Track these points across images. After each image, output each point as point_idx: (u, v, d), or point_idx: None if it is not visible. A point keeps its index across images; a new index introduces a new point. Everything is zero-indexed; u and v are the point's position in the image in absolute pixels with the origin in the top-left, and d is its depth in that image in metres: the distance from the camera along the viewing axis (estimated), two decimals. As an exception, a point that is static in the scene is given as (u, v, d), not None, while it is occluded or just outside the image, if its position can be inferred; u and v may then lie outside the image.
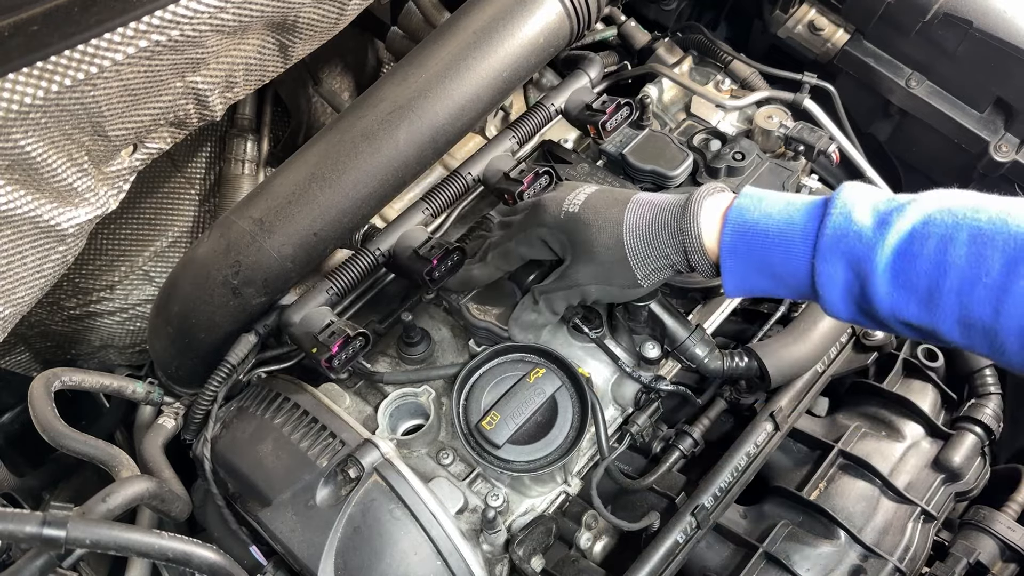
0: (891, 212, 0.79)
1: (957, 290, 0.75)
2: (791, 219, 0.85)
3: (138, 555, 0.90)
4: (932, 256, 0.76)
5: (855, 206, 0.81)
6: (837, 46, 1.49)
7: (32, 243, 1.00)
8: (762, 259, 0.86)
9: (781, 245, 0.84)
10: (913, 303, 0.78)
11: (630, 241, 0.94)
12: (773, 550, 1.10)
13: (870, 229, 0.79)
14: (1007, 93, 1.35)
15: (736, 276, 0.89)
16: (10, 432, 1.44)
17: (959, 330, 0.77)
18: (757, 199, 0.88)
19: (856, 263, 0.80)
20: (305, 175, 1.11)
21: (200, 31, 0.97)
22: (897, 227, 0.78)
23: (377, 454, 0.99)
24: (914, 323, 0.80)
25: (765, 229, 0.85)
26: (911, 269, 0.77)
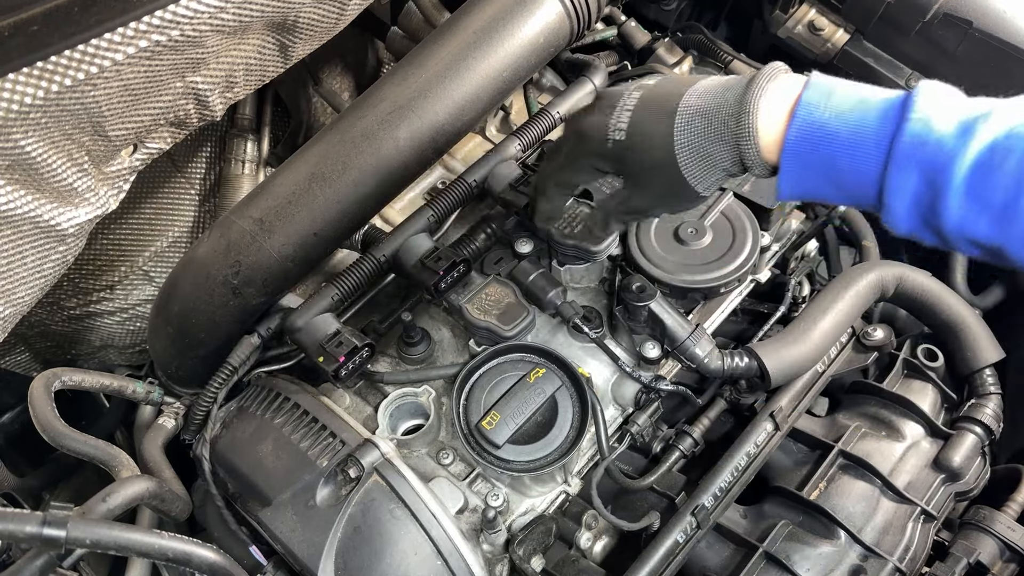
0: (975, 121, 0.75)
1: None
2: (864, 120, 0.78)
3: (138, 555, 0.90)
4: (1013, 171, 0.72)
5: (935, 111, 0.76)
6: (837, 46, 1.49)
7: (32, 243, 1.00)
8: (828, 162, 0.80)
9: (851, 148, 0.78)
10: (985, 218, 0.74)
11: (685, 162, 0.88)
12: (773, 550, 1.10)
13: (951, 138, 0.74)
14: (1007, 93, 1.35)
15: (794, 178, 0.83)
16: (10, 432, 1.44)
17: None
18: (826, 92, 0.81)
19: (932, 173, 0.75)
20: (305, 175, 1.11)
21: (200, 31, 0.97)
22: (979, 138, 0.74)
23: (377, 454, 0.99)
24: (982, 240, 0.76)
25: (835, 130, 0.79)
26: (989, 182, 0.73)
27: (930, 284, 1.30)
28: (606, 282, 1.20)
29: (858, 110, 0.79)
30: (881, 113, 0.78)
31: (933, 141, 0.75)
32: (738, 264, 1.15)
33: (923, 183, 0.76)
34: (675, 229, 1.17)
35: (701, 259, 1.16)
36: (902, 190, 0.77)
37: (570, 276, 1.21)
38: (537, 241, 1.21)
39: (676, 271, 1.14)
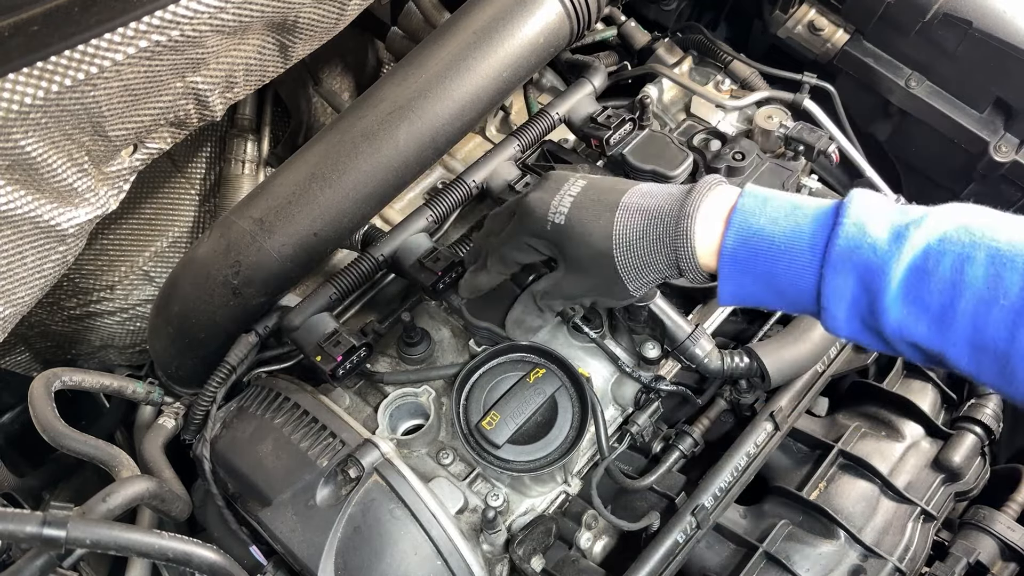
0: (907, 226, 0.76)
1: (972, 312, 0.72)
2: (798, 227, 0.80)
3: (138, 555, 0.90)
4: (948, 275, 0.73)
5: (869, 217, 0.78)
6: (837, 46, 1.49)
7: (32, 243, 1.00)
8: (765, 268, 0.81)
9: (786, 254, 0.80)
10: (924, 323, 0.75)
11: (620, 257, 0.88)
12: (773, 550, 1.10)
13: (885, 243, 0.76)
14: (1007, 93, 1.35)
15: (733, 284, 0.84)
16: (10, 432, 1.44)
17: (969, 354, 0.74)
18: (761, 201, 0.83)
19: (868, 276, 0.76)
20: (305, 175, 1.11)
21: (200, 31, 0.97)
22: (912, 242, 0.75)
23: (377, 454, 0.99)
24: (922, 344, 0.76)
25: (771, 236, 0.80)
26: (925, 287, 0.74)
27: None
28: (606, 282, 1.20)
29: (793, 216, 0.81)
30: (815, 219, 0.80)
31: (867, 245, 0.76)
32: (738, 264, 1.15)
33: (859, 287, 0.77)
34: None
35: (701, 259, 1.15)
36: (839, 294, 0.78)
37: (570, 276, 1.21)
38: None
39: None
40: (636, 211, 0.88)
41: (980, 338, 0.73)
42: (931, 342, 0.76)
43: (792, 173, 1.23)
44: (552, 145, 1.34)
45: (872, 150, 1.54)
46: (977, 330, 0.73)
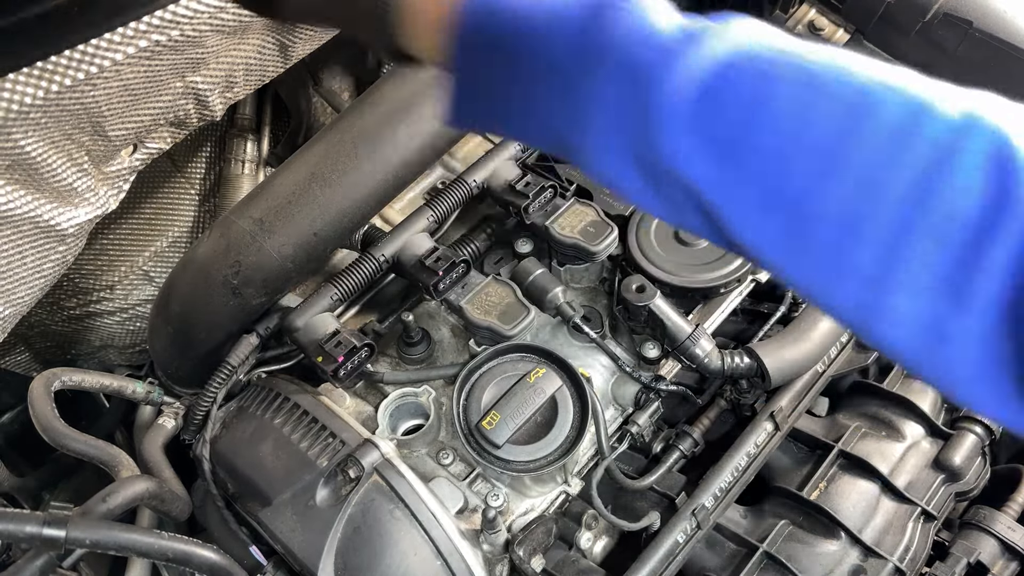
0: (701, 29, 0.56)
1: (776, 149, 0.53)
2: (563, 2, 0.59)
3: (138, 555, 0.90)
4: (749, 96, 0.53)
5: (650, 7, 0.57)
6: (837, 46, 1.49)
7: (32, 243, 1.00)
8: (510, 54, 0.59)
9: (544, 35, 0.58)
10: (708, 157, 0.54)
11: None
12: (773, 550, 1.10)
13: (672, 40, 0.55)
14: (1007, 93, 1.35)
15: (468, 80, 0.62)
16: (10, 432, 1.43)
17: (758, 209, 0.54)
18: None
19: (645, 76, 0.55)
20: (305, 175, 1.11)
21: (200, 31, 0.97)
22: (708, 47, 0.54)
23: (377, 454, 0.99)
24: (699, 187, 0.55)
25: (517, 10, 0.59)
26: (718, 108, 0.54)
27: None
28: (606, 282, 1.20)
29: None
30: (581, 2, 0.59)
31: (649, 36, 0.56)
32: (738, 264, 1.15)
33: (633, 95, 0.56)
34: (675, 229, 1.17)
35: (701, 259, 1.16)
36: (604, 98, 0.57)
37: (570, 276, 1.21)
38: (537, 241, 1.21)
39: (676, 271, 1.14)
40: None
41: (776, 184, 0.53)
42: (711, 186, 0.55)
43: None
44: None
45: (872, 150, 1.54)
46: (780, 174, 0.53)
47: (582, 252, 1.15)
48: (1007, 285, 0.47)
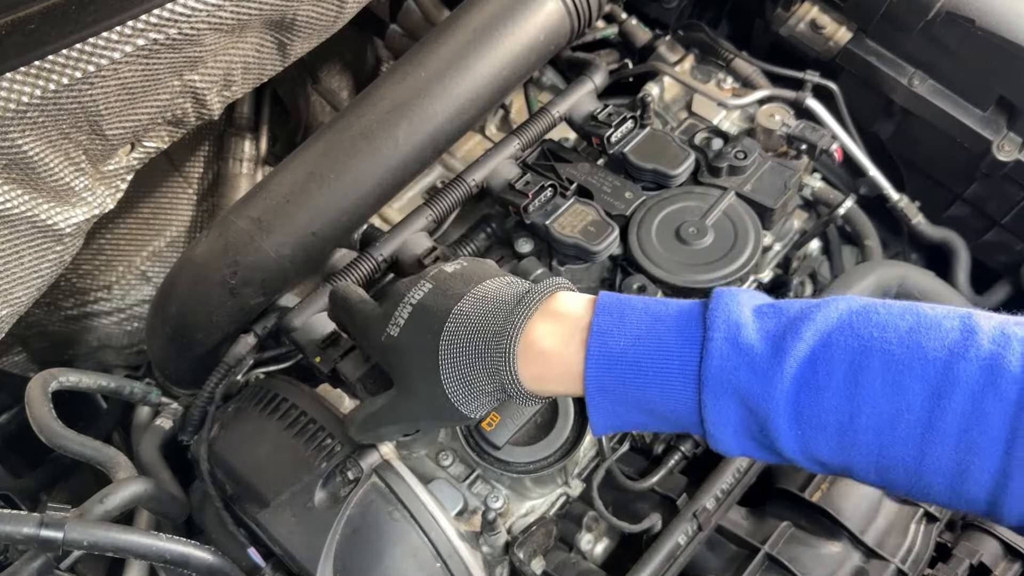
0: (784, 333, 0.67)
1: (875, 428, 0.64)
2: (663, 344, 0.70)
3: (136, 557, 0.89)
4: (841, 388, 0.64)
5: (740, 324, 0.68)
6: (839, 44, 1.49)
7: (29, 243, 0.99)
8: (638, 395, 0.71)
9: (657, 379, 0.70)
10: (823, 442, 0.66)
11: (447, 378, 0.76)
12: (775, 552, 1.09)
13: (763, 356, 0.66)
14: (1010, 92, 1.35)
15: (607, 414, 0.73)
16: (7, 433, 1.43)
17: (877, 471, 0.66)
18: (618, 317, 0.72)
19: (751, 400, 0.67)
20: (304, 174, 1.10)
21: (198, 29, 0.97)
22: (795, 352, 0.65)
23: (376, 455, 0.98)
24: (827, 460, 0.67)
25: (636, 360, 0.70)
26: (817, 403, 0.65)
27: (933, 284, 1.30)
28: (607, 282, 1.20)
29: (655, 331, 0.71)
30: (679, 331, 0.70)
31: (744, 363, 0.66)
32: (740, 264, 1.14)
33: (744, 410, 0.68)
34: (677, 229, 1.17)
35: (703, 259, 1.15)
36: (723, 419, 0.69)
37: (570, 276, 1.20)
38: (537, 241, 1.20)
39: (677, 271, 1.14)
40: (463, 324, 0.76)
41: (887, 456, 0.64)
42: (835, 459, 0.67)
43: (794, 172, 1.23)
44: (552, 144, 1.34)
45: (875, 149, 1.53)
46: (883, 448, 0.64)
47: (583, 252, 1.15)
48: None
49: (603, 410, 0.73)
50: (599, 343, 0.71)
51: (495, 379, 0.75)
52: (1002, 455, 0.60)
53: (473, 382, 0.76)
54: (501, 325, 0.74)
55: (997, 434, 0.60)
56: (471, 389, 0.76)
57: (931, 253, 1.58)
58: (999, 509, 0.63)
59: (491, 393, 0.76)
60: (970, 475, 0.62)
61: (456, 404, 0.77)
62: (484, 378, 0.75)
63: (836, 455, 0.66)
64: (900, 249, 1.61)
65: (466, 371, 0.75)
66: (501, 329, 0.74)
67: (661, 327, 0.71)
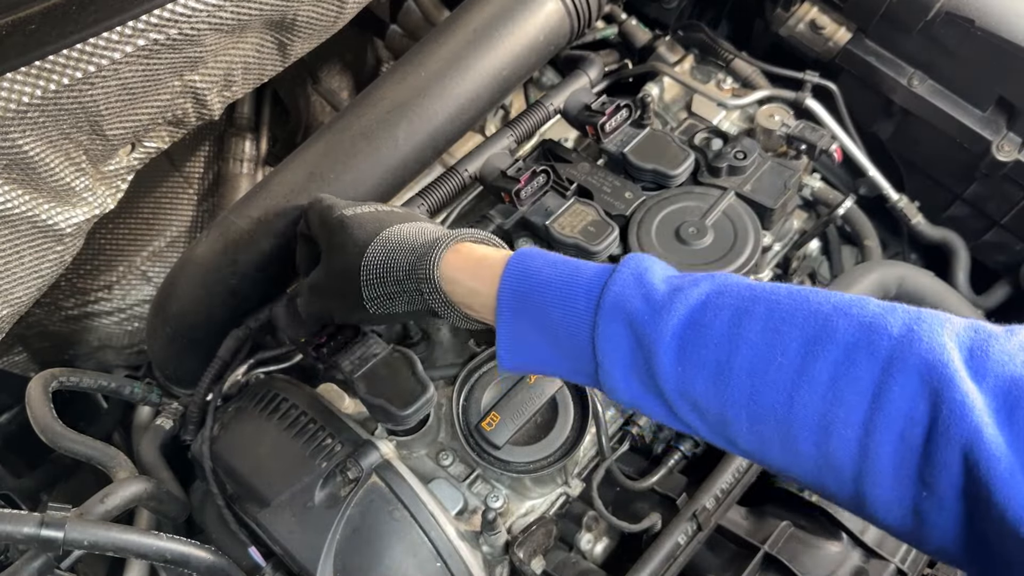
0: (684, 281, 0.72)
1: (749, 369, 0.66)
2: (577, 272, 0.75)
3: (136, 556, 0.90)
4: (725, 328, 0.67)
5: (647, 270, 0.73)
6: (839, 45, 1.49)
7: (30, 243, 0.99)
8: (541, 316, 0.75)
9: (562, 298, 0.74)
10: (700, 380, 0.68)
11: (367, 258, 0.85)
12: (775, 551, 1.09)
13: (660, 294, 0.71)
14: (1009, 92, 1.35)
15: (514, 337, 0.77)
16: (7, 433, 1.43)
17: (749, 424, 0.66)
18: (541, 253, 0.79)
19: (641, 328, 0.70)
20: (304, 174, 1.10)
21: (198, 29, 0.97)
22: (689, 294, 0.70)
23: (376, 455, 0.99)
24: (702, 404, 0.69)
25: (548, 279, 0.75)
26: (700, 340, 0.68)
27: (932, 284, 1.30)
28: (607, 282, 1.20)
29: (571, 264, 0.77)
30: (595, 269, 0.76)
31: (641, 295, 0.71)
32: (740, 264, 1.14)
33: (633, 339, 0.71)
34: (676, 229, 1.17)
35: (703, 259, 1.15)
36: (612, 344, 0.72)
37: (570, 276, 1.20)
38: (537, 241, 1.20)
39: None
40: (406, 228, 0.87)
41: (758, 401, 0.65)
42: (710, 403, 0.68)
43: (794, 172, 1.23)
44: (552, 144, 1.34)
45: (874, 149, 1.53)
46: (755, 391, 0.65)
47: (582, 252, 1.15)
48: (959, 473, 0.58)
49: (510, 330, 0.77)
50: (520, 259, 0.78)
51: (414, 277, 0.82)
52: (867, 409, 0.61)
53: (393, 276, 0.84)
54: (437, 236, 0.84)
55: (864, 387, 0.61)
56: (386, 281, 0.84)
57: (931, 253, 1.58)
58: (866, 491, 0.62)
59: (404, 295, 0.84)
60: (834, 429, 0.62)
61: (365, 293, 0.86)
62: (404, 277, 0.83)
63: (711, 397, 0.68)
64: (900, 249, 1.61)
65: (391, 264, 0.84)
66: (440, 234, 0.84)
67: (580, 264, 0.77)
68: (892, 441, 0.60)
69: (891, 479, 0.61)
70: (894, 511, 0.62)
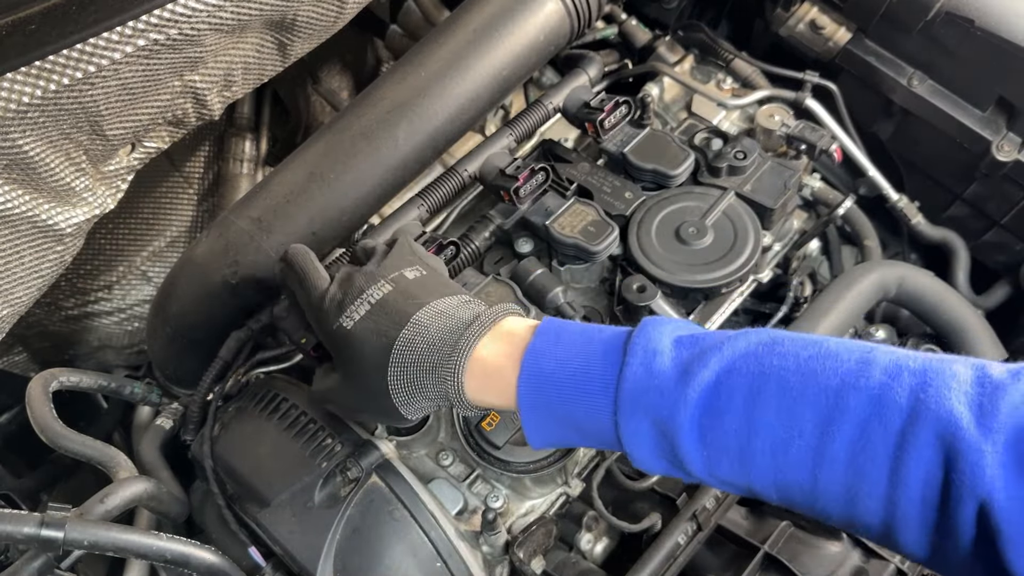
0: (693, 361, 0.71)
1: (770, 451, 0.68)
2: (588, 367, 0.75)
3: (136, 556, 0.89)
4: (740, 412, 0.68)
5: (657, 352, 0.72)
6: (839, 45, 1.49)
7: (30, 243, 1.00)
8: (564, 413, 0.75)
9: (582, 399, 0.74)
10: (726, 463, 0.70)
11: (393, 380, 0.81)
12: (775, 551, 1.09)
13: (672, 381, 0.71)
14: (1009, 92, 1.35)
15: (540, 431, 0.78)
16: (8, 433, 1.43)
17: (776, 491, 0.70)
18: (553, 339, 0.77)
19: (660, 421, 0.71)
20: (304, 174, 1.10)
21: (198, 29, 0.97)
22: (700, 378, 0.70)
23: (376, 455, 0.99)
24: (731, 480, 0.72)
25: (561, 381, 0.75)
26: (719, 427, 0.69)
27: (932, 284, 1.30)
28: (607, 282, 1.20)
29: (583, 355, 0.75)
30: (604, 356, 0.75)
31: (654, 387, 0.71)
32: (740, 264, 1.14)
33: (656, 431, 0.72)
34: (676, 229, 1.17)
35: (703, 259, 1.15)
36: (638, 439, 0.73)
37: (570, 276, 1.20)
38: (537, 241, 1.20)
39: (677, 271, 1.14)
40: (419, 334, 0.81)
41: (783, 477, 0.68)
42: (738, 479, 0.71)
43: (794, 172, 1.23)
44: (552, 144, 1.34)
45: (874, 149, 1.53)
46: (779, 470, 0.68)
47: (582, 252, 1.15)
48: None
49: (535, 425, 0.78)
50: (532, 362, 0.76)
51: (441, 388, 0.80)
52: (887, 482, 0.64)
53: (420, 388, 0.81)
54: (455, 340, 0.79)
55: (882, 462, 0.63)
56: (415, 394, 0.81)
57: (930, 253, 1.58)
58: (895, 536, 0.66)
59: (433, 399, 0.82)
60: (860, 500, 0.65)
61: (397, 404, 0.82)
62: (431, 386, 0.80)
63: (738, 476, 0.70)
64: (899, 249, 1.61)
65: (415, 377, 0.80)
66: (455, 344, 0.79)
67: (590, 351, 0.75)
68: (915, 504, 0.63)
69: (916, 533, 0.64)
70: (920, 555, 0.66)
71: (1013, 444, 0.60)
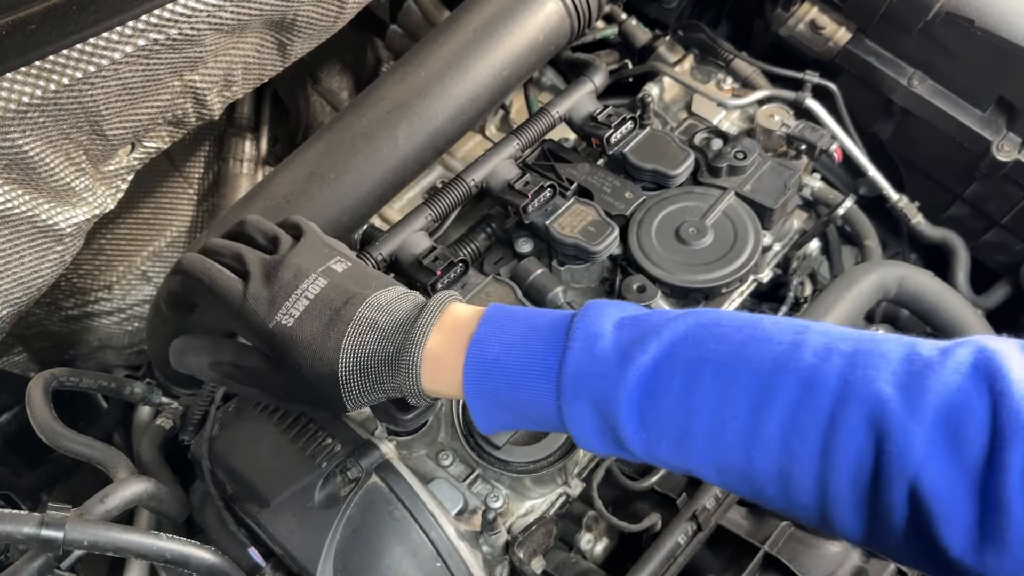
0: (633, 344, 0.71)
1: (707, 433, 0.68)
2: (531, 353, 0.75)
3: (136, 556, 0.89)
4: (677, 395, 0.69)
5: (598, 335, 0.72)
6: (839, 45, 1.49)
7: (30, 243, 1.00)
8: (510, 399, 0.76)
9: (526, 385, 0.74)
10: (665, 444, 0.70)
11: (344, 376, 0.80)
12: (775, 551, 1.09)
13: (612, 365, 0.71)
14: (1009, 92, 1.35)
15: (487, 417, 0.79)
16: (7, 433, 1.43)
17: (716, 474, 0.70)
18: (498, 327, 0.77)
19: (600, 403, 0.71)
20: (304, 174, 1.10)
21: (198, 29, 0.97)
22: (639, 362, 0.70)
23: (376, 455, 0.99)
24: (672, 462, 0.72)
25: (507, 368, 0.75)
26: (657, 409, 0.69)
27: (932, 284, 1.30)
28: (607, 282, 1.20)
29: (526, 342, 0.75)
30: (547, 342, 0.75)
31: (595, 371, 0.71)
32: (740, 264, 1.14)
33: (598, 415, 0.72)
34: (676, 229, 1.17)
35: (702, 259, 1.15)
36: (581, 422, 0.73)
37: (570, 276, 1.20)
38: (537, 241, 1.20)
39: (677, 271, 1.14)
40: (368, 328, 0.80)
41: (720, 460, 0.69)
42: (678, 462, 0.71)
43: (794, 172, 1.23)
44: (552, 144, 1.34)
45: (874, 149, 1.53)
46: (716, 452, 0.68)
47: (583, 252, 1.15)
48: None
49: (482, 412, 0.78)
50: (476, 351, 0.76)
51: (396, 381, 0.80)
52: (819, 463, 0.64)
53: (375, 382, 0.81)
54: (407, 332, 0.79)
55: (813, 443, 0.64)
56: (370, 387, 0.81)
57: (931, 253, 1.58)
58: (831, 518, 0.66)
59: (387, 392, 0.82)
60: (794, 482, 0.66)
61: (346, 397, 0.81)
62: (387, 380, 0.80)
63: (678, 458, 0.71)
64: (900, 249, 1.61)
65: (369, 371, 0.80)
66: (406, 336, 0.79)
67: (534, 336, 0.75)
68: (847, 486, 0.64)
69: (850, 514, 0.65)
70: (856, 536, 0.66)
71: (943, 422, 0.60)
